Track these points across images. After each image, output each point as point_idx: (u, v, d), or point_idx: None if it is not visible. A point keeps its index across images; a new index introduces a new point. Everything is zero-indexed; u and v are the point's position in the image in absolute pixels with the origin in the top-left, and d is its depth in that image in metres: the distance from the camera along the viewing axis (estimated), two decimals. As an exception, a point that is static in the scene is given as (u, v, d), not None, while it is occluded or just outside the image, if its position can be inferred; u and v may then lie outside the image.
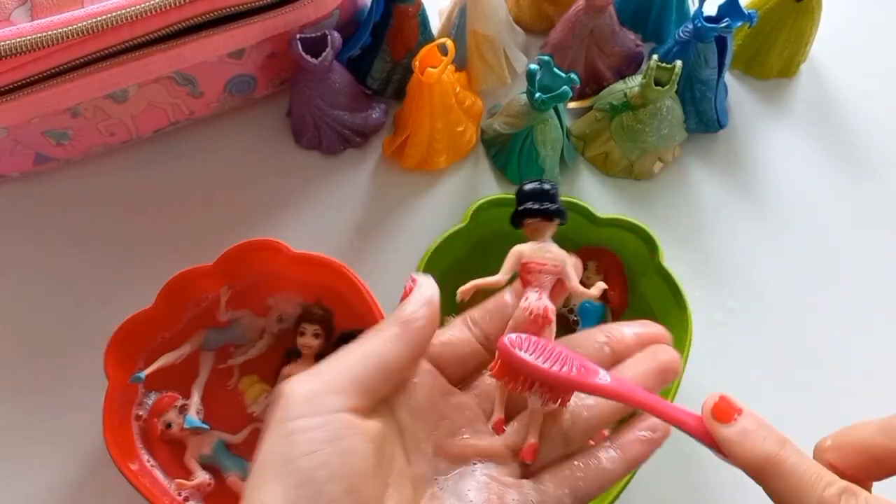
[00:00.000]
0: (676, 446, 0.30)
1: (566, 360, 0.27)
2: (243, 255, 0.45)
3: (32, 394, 0.48)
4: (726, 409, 0.26)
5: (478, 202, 0.46)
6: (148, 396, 0.46)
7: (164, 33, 0.44)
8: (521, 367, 0.27)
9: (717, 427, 0.26)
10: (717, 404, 0.26)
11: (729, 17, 0.49)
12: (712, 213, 0.54)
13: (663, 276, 0.45)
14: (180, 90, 0.49)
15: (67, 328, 0.49)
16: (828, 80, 0.59)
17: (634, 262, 0.48)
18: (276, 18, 0.47)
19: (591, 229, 0.47)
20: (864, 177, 0.56)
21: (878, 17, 0.61)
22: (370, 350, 0.28)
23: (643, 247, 0.46)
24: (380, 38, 0.53)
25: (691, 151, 0.56)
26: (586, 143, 0.55)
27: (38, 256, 0.51)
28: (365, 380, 0.27)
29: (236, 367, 0.48)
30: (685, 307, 0.44)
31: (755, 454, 0.25)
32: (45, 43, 0.42)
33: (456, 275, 0.48)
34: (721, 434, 0.26)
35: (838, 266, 0.53)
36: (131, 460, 0.43)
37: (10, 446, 0.47)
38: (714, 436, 0.26)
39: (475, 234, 0.47)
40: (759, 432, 0.26)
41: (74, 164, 0.53)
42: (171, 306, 0.45)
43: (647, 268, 0.47)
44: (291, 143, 0.55)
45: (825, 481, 0.24)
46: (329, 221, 0.53)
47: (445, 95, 0.50)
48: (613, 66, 0.56)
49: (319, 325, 0.46)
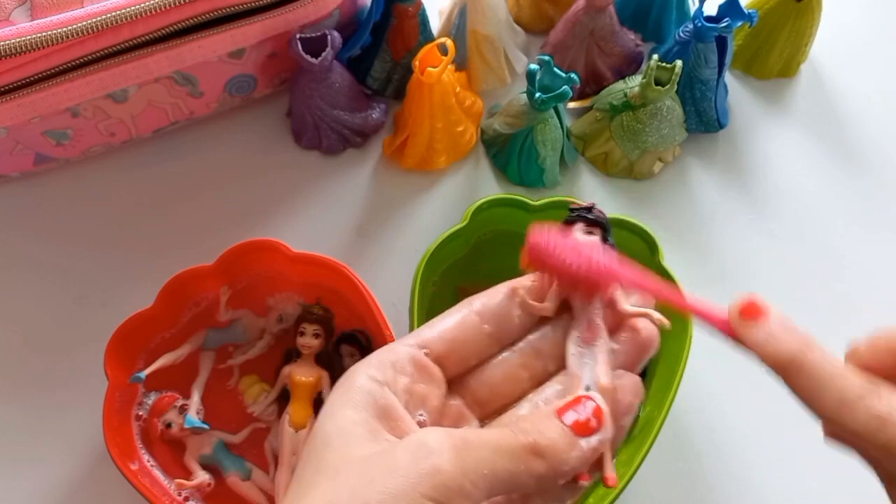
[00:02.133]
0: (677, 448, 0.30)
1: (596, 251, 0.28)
2: (243, 255, 0.45)
3: (32, 393, 0.48)
4: (753, 309, 0.26)
5: (477, 202, 0.46)
6: (148, 396, 0.46)
7: (164, 33, 0.45)
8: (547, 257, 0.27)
9: (743, 326, 0.26)
10: (744, 305, 0.27)
11: (729, 17, 0.49)
12: (712, 212, 0.54)
13: (664, 276, 0.45)
14: (180, 90, 0.49)
15: (67, 328, 0.49)
16: (828, 80, 0.59)
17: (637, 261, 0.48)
18: (277, 18, 0.47)
19: None
20: (864, 176, 0.56)
21: (878, 17, 0.61)
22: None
23: (644, 247, 0.46)
24: (380, 37, 0.53)
25: (691, 151, 0.56)
26: (586, 143, 0.55)
27: (38, 256, 0.51)
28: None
29: (236, 367, 0.48)
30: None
31: (781, 353, 0.25)
32: (44, 43, 0.42)
33: (456, 274, 0.48)
34: (747, 333, 0.26)
35: (838, 266, 0.53)
36: (131, 460, 0.43)
37: (10, 446, 0.47)
38: (740, 335, 0.26)
39: (475, 233, 0.47)
40: (786, 331, 0.26)
41: (74, 164, 0.53)
42: (171, 306, 0.45)
43: (647, 268, 0.47)
44: (291, 143, 0.55)
45: (848, 378, 0.25)
46: (329, 221, 0.53)
47: (445, 95, 0.50)
48: (613, 65, 0.56)
49: (319, 325, 0.46)
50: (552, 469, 0.25)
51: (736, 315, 0.27)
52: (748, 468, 0.47)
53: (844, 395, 0.24)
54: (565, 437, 0.26)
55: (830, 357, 0.26)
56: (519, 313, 0.30)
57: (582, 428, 0.26)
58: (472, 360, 0.30)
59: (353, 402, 0.26)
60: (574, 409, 0.27)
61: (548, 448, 0.25)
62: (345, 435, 0.26)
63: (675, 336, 0.44)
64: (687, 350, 0.43)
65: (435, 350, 0.29)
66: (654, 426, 0.42)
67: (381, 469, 0.24)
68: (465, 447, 0.25)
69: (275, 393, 0.46)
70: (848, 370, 0.25)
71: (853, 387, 0.24)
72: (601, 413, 0.27)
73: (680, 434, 0.47)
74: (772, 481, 0.47)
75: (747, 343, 0.26)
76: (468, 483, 0.24)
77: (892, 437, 0.24)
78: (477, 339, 0.30)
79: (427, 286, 0.46)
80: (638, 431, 0.44)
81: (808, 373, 0.25)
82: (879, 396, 0.24)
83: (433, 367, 0.29)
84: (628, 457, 0.43)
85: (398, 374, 0.28)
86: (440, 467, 0.24)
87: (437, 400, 0.28)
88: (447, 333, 0.29)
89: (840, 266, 0.53)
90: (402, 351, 0.29)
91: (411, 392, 0.28)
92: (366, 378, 0.27)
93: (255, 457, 0.46)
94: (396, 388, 0.27)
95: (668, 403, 0.42)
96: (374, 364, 0.28)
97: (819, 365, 0.25)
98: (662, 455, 0.44)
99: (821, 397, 0.25)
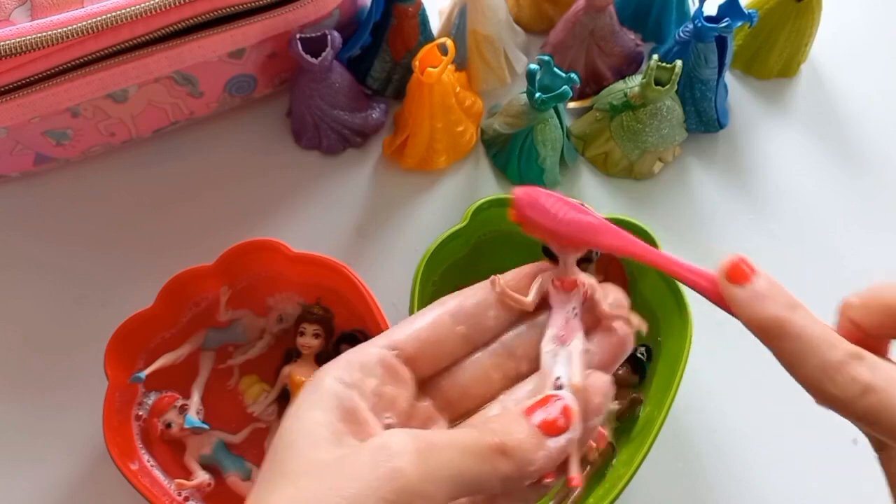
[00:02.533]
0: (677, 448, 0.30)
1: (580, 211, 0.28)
2: (243, 255, 0.45)
3: (32, 393, 0.48)
4: (741, 271, 0.26)
5: (478, 202, 0.46)
6: (148, 396, 0.46)
7: (164, 33, 0.45)
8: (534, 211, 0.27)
9: (729, 288, 0.26)
10: (732, 266, 0.26)
11: (729, 17, 0.49)
12: (712, 212, 0.54)
13: (664, 278, 0.45)
14: (180, 90, 0.49)
15: (67, 328, 0.49)
16: (828, 80, 0.59)
17: (635, 263, 0.48)
18: (277, 18, 0.47)
19: None
20: (864, 176, 0.56)
21: (878, 17, 0.61)
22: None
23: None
24: (380, 37, 0.53)
25: (691, 151, 0.56)
26: (586, 142, 0.55)
27: (38, 256, 0.51)
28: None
29: (236, 367, 0.48)
30: (686, 308, 0.44)
31: (765, 315, 0.25)
32: (44, 43, 0.42)
33: (456, 274, 0.48)
34: (733, 295, 0.26)
35: (838, 266, 0.53)
36: (131, 460, 0.43)
37: (10, 446, 0.47)
38: (726, 296, 0.26)
39: (475, 233, 0.47)
40: (771, 294, 0.26)
41: (74, 164, 0.53)
42: (171, 306, 0.45)
43: (647, 269, 0.47)
44: (291, 143, 0.55)
45: (832, 343, 0.24)
46: (329, 221, 0.53)
47: (445, 95, 0.50)
48: (613, 65, 0.56)
49: (319, 325, 0.46)
50: (518, 469, 0.25)
51: (723, 276, 0.26)
52: (748, 468, 0.47)
53: (827, 360, 0.24)
54: (533, 437, 0.26)
55: (816, 320, 0.25)
56: (495, 313, 0.30)
57: (550, 427, 0.26)
58: (444, 361, 0.29)
59: (318, 403, 0.26)
60: (543, 409, 0.26)
61: (514, 448, 0.25)
62: (308, 437, 0.25)
63: (676, 336, 0.44)
64: (687, 350, 0.43)
65: (406, 351, 0.28)
66: (654, 426, 0.42)
67: (341, 474, 0.24)
68: (429, 449, 0.24)
69: (275, 393, 0.46)
70: (832, 335, 0.25)
71: (837, 351, 0.24)
72: (570, 412, 0.26)
73: (680, 434, 0.47)
74: (772, 481, 0.47)
75: (733, 304, 0.26)
76: (430, 486, 0.24)
77: (872, 404, 0.24)
78: (450, 340, 0.29)
79: (427, 286, 0.46)
80: (638, 431, 0.44)
81: (792, 335, 0.25)
82: (862, 362, 0.24)
83: (403, 369, 0.28)
84: (628, 457, 0.43)
85: (366, 376, 0.27)
86: (401, 470, 0.23)
87: (406, 402, 0.28)
88: (419, 334, 0.29)
89: (840, 266, 0.53)
90: (371, 352, 0.28)
91: (380, 394, 0.27)
92: (332, 379, 0.27)
93: (255, 457, 0.46)
94: (364, 390, 0.27)
95: (668, 403, 0.42)
96: (342, 365, 0.27)
97: (804, 327, 0.25)
98: (662, 455, 0.44)
99: (803, 362, 0.24)
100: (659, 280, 0.46)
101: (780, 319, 0.25)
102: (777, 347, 0.25)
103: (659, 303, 0.46)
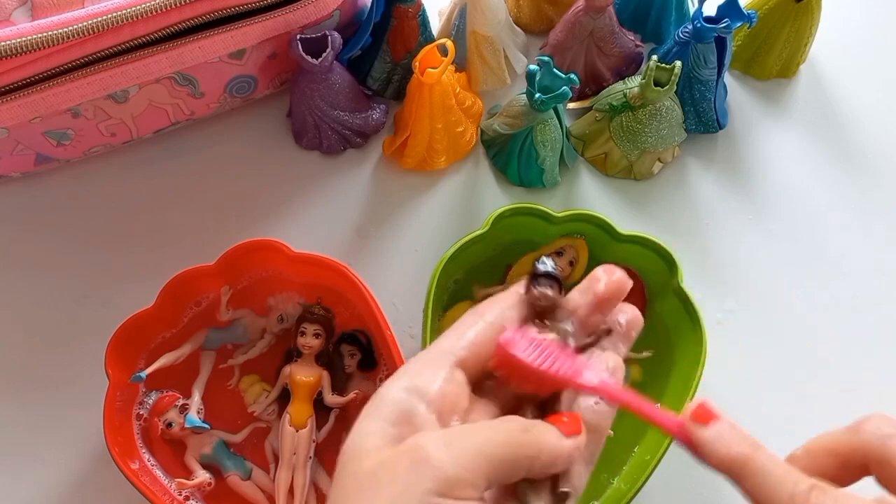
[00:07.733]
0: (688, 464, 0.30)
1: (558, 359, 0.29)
2: (244, 255, 0.45)
3: (33, 393, 0.48)
4: (705, 413, 0.28)
5: (499, 209, 0.46)
6: (149, 396, 0.46)
7: (164, 34, 0.45)
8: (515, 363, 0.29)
9: (695, 429, 0.28)
10: (696, 409, 0.28)
11: (728, 18, 0.49)
12: (711, 212, 0.54)
13: (680, 297, 0.45)
14: (181, 91, 0.49)
15: (68, 328, 0.50)
16: (827, 80, 0.59)
17: (653, 281, 0.48)
18: (277, 19, 0.47)
19: (612, 245, 0.47)
20: (863, 177, 0.56)
21: (878, 17, 0.62)
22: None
23: (663, 266, 0.46)
24: (380, 38, 0.53)
25: (691, 152, 0.56)
26: (586, 143, 0.55)
27: (39, 256, 0.51)
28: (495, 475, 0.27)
29: (237, 367, 0.48)
30: (700, 327, 0.44)
31: (729, 454, 0.27)
32: (45, 43, 0.42)
33: (474, 279, 0.48)
34: (699, 435, 0.28)
35: (837, 265, 0.53)
36: (132, 459, 0.43)
37: (11, 445, 0.47)
38: (692, 437, 0.28)
39: (495, 240, 0.47)
40: (734, 435, 0.27)
41: (75, 164, 0.53)
42: (172, 306, 0.45)
43: (665, 287, 0.47)
44: (292, 143, 0.55)
45: (795, 479, 0.26)
46: (329, 221, 0.53)
47: (445, 96, 0.50)
48: (613, 66, 0.56)
49: (320, 325, 0.46)
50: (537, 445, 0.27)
51: (689, 418, 0.28)
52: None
53: (795, 492, 0.25)
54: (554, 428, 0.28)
55: (777, 457, 0.27)
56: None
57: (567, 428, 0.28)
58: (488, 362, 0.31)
59: (374, 413, 0.28)
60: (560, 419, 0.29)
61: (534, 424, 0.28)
62: (357, 448, 0.27)
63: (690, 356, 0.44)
64: (701, 368, 0.43)
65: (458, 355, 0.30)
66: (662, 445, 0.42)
67: (383, 479, 0.25)
68: (458, 436, 0.26)
69: (275, 393, 0.47)
70: (794, 470, 0.26)
71: (802, 482, 0.26)
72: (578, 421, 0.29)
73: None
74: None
75: (699, 444, 0.28)
76: (465, 472, 0.25)
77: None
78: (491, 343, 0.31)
79: (445, 286, 0.46)
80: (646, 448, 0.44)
81: (759, 472, 0.26)
82: (824, 491, 0.25)
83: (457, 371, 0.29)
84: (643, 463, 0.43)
85: (427, 381, 0.28)
86: (435, 462, 0.25)
87: (467, 402, 0.29)
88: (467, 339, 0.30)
89: (839, 266, 0.53)
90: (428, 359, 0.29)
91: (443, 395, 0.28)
92: (394, 389, 0.28)
93: (256, 456, 0.46)
94: (425, 392, 0.28)
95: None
96: (401, 374, 0.29)
97: (769, 464, 0.26)
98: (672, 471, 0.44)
99: (773, 495, 0.26)
100: (676, 300, 0.46)
101: (744, 459, 0.27)
102: (745, 483, 0.27)
103: (674, 322, 0.46)
